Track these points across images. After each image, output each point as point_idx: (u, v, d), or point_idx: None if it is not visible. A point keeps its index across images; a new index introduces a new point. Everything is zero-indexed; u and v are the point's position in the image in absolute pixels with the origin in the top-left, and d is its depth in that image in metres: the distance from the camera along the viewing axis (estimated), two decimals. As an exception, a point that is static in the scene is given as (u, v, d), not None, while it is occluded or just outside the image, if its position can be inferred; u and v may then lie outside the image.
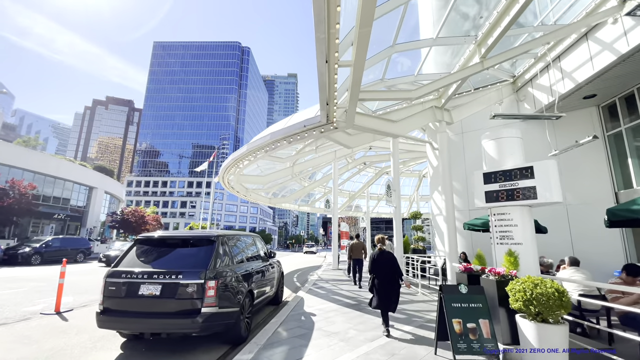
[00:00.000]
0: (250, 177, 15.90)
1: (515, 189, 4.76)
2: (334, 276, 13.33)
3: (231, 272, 4.81)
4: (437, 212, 13.68)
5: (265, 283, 6.46)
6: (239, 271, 5.10)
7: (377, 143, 18.10)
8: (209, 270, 4.31)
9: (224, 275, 4.53)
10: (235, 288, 4.77)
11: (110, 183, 39.88)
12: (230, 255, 5.08)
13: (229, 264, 4.91)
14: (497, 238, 4.98)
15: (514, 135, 5.26)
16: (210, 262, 4.44)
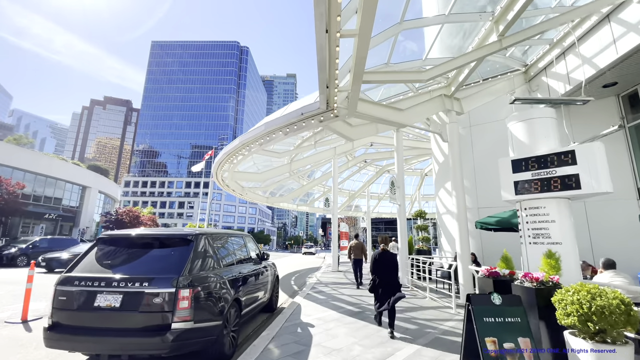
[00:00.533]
0: (245, 175, 15.09)
1: (552, 178, 3.97)
2: (334, 279, 12.52)
3: (213, 277, 4.01)
4: (443, 211, 12.91)
5: (257, 289, 5.65)
6: (224, 276, 4.29)
7: (378, 139, 17.35)
8: (183, 277, 3.51)
9: (202, 282, 3.72)
10: (218, 297, 3.97)
11: (105, 183, 38.99)
12: (212, 258, 4.27)
13: (210, 268, 4.10)
14: (529, 237, 4.20)
15: (547, 116, 4.47)
16: (185, 266, 3.64)
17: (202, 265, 3.94)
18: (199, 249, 3.98)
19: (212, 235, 4.57)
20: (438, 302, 7.96)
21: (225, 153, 11.00)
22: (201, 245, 4.07)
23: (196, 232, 4.11)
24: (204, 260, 4.03)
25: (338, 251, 16.55)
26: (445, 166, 12.89)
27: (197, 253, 3.92)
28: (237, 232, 5.80)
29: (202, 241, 4.14)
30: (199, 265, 3.86)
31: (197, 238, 4.03)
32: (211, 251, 4.31)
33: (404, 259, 10.78)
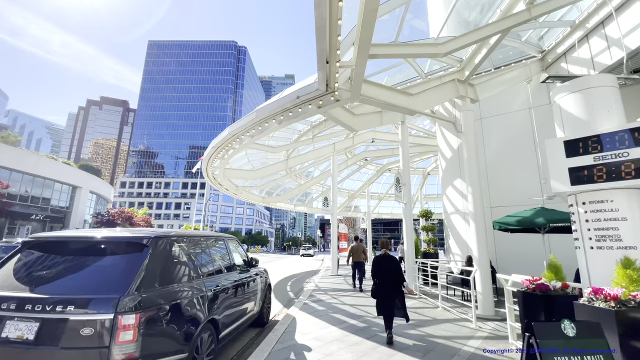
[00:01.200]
0: (238, 172, 14.10)
1: (622, 163, 3.02)
2: (333, 284, 11.52)
3: (177, 294, 3.02)
4: (451, 210, 11.97)
5: (242, 302, 4.67)
6: (194, 291, 3.30)
7: (381, 135, 16.40)
8: (129, 296, 2.52)
9: (158, 302, 2.73)
10: (183, 320, 2.98)
11: (97, 183, 37.83)
12: (179, 268, 3.28)
13: (175, 281, 3.11)
14: (590, 240, 3.23)
15: (608, 84, 3.51)
16: (134, 280, 2.64)
17: (162, 278, 2.95)
18: (157, 257, 2.98)
19: (181, 238, 3.56)
20: (453, 313, 6.98)
21: (214, 147, 10.00)
22: (162, 252, 3.07)
23: (156, 235, 3.11)
24: (165, 271, 3.03)
25: (337, 253, 15.58)
26: (454, 162, 11.95)
27: (155, 262, 2.92)
28: (218, 235, 4.79)
29: (164, 246, 3.14)
30: (156, 279, 2.86)
31: (155, 242, 3.03)
32: (177, 259, 3.32)
33: (410, 263, 9.82)
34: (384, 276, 5.02)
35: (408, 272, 9.93)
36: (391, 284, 4.97)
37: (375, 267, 5.11)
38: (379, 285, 5.02)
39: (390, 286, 4.96)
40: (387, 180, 28.42)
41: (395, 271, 5.02)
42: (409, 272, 9.86)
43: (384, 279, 5.00)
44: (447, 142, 12.44)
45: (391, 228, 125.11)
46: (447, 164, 12.58)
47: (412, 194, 29.72)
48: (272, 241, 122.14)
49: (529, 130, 10.27)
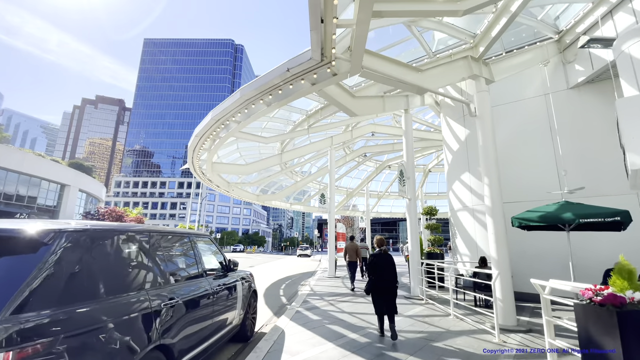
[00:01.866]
0: (228, 167, 13.12)
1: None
2: (330, 287, 10.57)
3: (91, 316, 2.04)
4: (458, 207, 11.05)
5: (214, 316, 3.70)
6: (128, 310, 2.33)
7: (381, 128, 15.47)
8: (1, 321, 1.56)
9: (52, 333, 1.76)
10: (103, 354, 2.01)
11: (87, 181, 36.66)
12: (103, 277, 2.30)
13: (93, 296, 2.14)
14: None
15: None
16: (12, 299, 1.68)
17: (70, 292, 1.97)
18: (63, 261, 2.00)
19: (111, 234, 2.56)
20: (467, 322, 6.05)
21: (197, 135, 9.02)
22: (71, 253, 2.08)
23: (64, 227, 2.13)
24: (76, 281, 2.05)
25: (335, 254, 14.64)
26: (461, 155, 11.04)
27: (58, 268, 1.95)
28: (179, 232, 3.77)
29: (76, 245, 2.14)
30: (57, 294, 1.89)
31: (60, 238, 2.04)
32: (103, 264, 2.34)
33: (415, 264, 8.89)
34: (381, 274, 4.97)
35: (412, 274, 9.00)
36: (389, 281, 4.96)
37: (372, 264, 5.06)
38: (376, 282, 4.98)
39: (388, 284, 4.95)
40: (386, 178, 27.52)
41: (391, 269, 5.02)
42: (414, 274, 8.92)
43: (381, 277, 4.97)
44: (454, 133, 11.53)
45: (389, 228, 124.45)
46: (453, 157, 11.67)
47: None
48: (270, 241, 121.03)
49: (544, 118, 9.37)
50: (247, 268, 20.53)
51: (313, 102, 10.70)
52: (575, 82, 9.08)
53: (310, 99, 10.27)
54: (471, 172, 10.53)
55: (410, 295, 8.80)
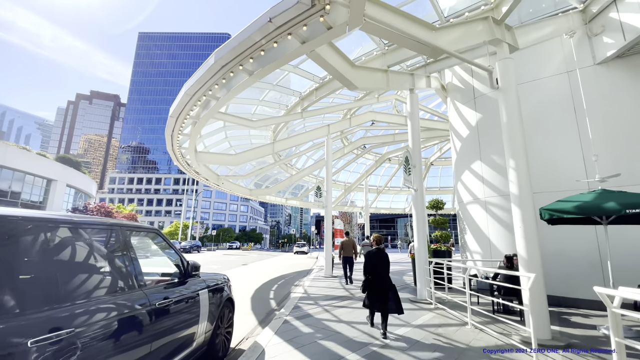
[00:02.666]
0: (215, 157, 11.96)
1: None
2: (326, 289, 9.50)
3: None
4: (468, 200, 9.98)
5: (154, 341, 2.59)
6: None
7: (381, 117, 14.35)
8: None
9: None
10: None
11: (75, 176, 35.32)
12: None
13: None
14: None
15: None
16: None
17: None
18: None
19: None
20: (489, 334, 4.98)
21: (171, 116, 7.83)
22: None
23: None
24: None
25: (332, 251, 13.57)
26: (471, 142, 9.95)
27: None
28: (89, 221, 2.53)
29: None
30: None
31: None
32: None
33: (422, 263, 7.82)
34: (377, 272, 4.93)
35: (419, 275, 7.93)
36: (385, 279, 4.91)
37: (368, 262, 4.99)
38: (372, 281, 4.94)
39: (383, 282, 4.89)
40: (386, 172, 26.45)
41: (387, 267, 4.99)
42: (420, 274, 7.86)
43: (377, 274, 4.92)
44: (463, 118, 10.43)
45: (387, 224, 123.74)
46: (462, 145, 10.58)
47: (413, 187, 27.81)
48: (267, 238, 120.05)
49: (567, 98, 8.29)
50: (240, 266, 19.46)
51: (307, 82, 9.56)
52: (604, 57, 8.00)
53: (304, 78, 9.13)
54: (483, 161, 9.46)
55: (417, 299, 7.74)
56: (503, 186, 8.85)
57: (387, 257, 5.08)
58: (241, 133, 13.68)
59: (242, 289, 9.95)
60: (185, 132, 9.07)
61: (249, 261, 23.72)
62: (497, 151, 9.14)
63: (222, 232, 76.33)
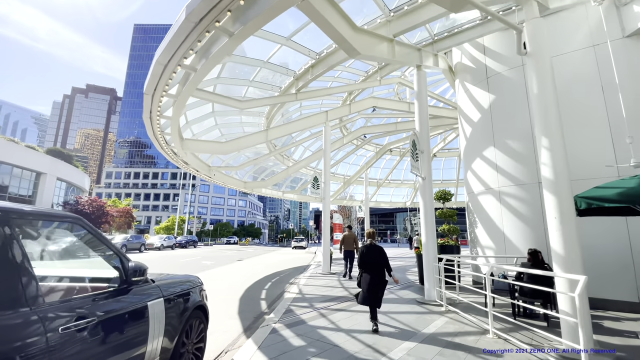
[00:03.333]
0: (202, 144, 11.01)
1: None
2: (324, 288, 8.66)
3: None
4: (479, 190, 9.10)
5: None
6: None
7: (383, 103, 13.40)
8: None
9: None
10: None
11: (66, 169, 34.31)
12: None
13: None
14: None
15: None
16: None
17: None
18: None
19: None
20: (516, 344, 4.13)
21: (146, 94, 6.85)
22: None
23: None
24: None
25: (331, 245, 12.72)
26: (484, 126, 9.04)
27: None
28: None
29: None
30: None
31: None
32: None
33: (431, 260, 6.97)
34: (370, 266, 4.96)
35: (427, 272, 7.08)
36: (377, 274, 4.91)
37: (362, 257, 5.05)
38: (365, 275, 4.95)
39: (376, 277, 4.90)
40: (387, 164, 25.56)
41: (381, 261, 4.97)
42: (428, 272, 7.00)
43: (370, 269, 4.95)
44: (474, 100, 9.51)
45: (386, 219, 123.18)
46: (473, 130, 9.67)
47: (413, 181, 26.92)
48: (266, 233, 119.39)
49: (593, 75, 7.37)
50: (235, 262, 18.62)
51: (302, 59, 8.61)
52: (634, 29, 7.07)
53: (298, 52, 8.16)
54: (497, 147, 8.55)
55: (425, 300, 6.90)
56: (520, 174, 7.97)
57: (380, 252, 5.01)
58: (233, 120, 12.73)
59: (232, 288, 9.10)
60: (167, 115, 8.13)
61: (244, 257, 22.91)
62: (514, 135, 8.24)
63: (220, 226, 75.66)
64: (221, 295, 8.13)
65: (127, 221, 43.03)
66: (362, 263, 5.02)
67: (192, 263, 16.62)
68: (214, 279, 10.88)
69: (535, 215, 7.58)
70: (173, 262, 17.29)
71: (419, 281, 9.50)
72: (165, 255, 22.27)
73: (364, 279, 4.93)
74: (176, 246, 33.59)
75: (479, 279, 8.69)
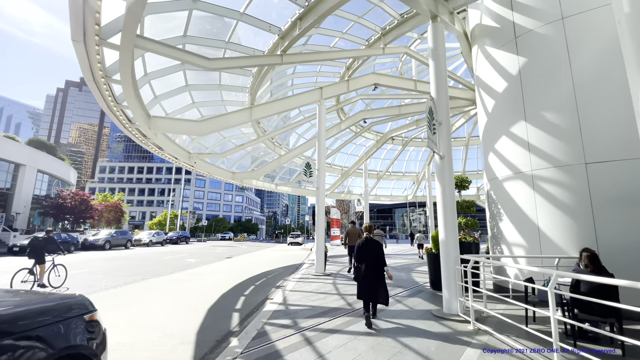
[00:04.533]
0: (173, 123, 9.31)
1: None
2: (315, 295, 7.07)
3: None
4: (504, 175, 7.48)
5: None
6: None
7: (386, 80, 11.73)
8: None
9: None
10: None
11: (49, 161, 32.50)
12: None
13: None
14: None
15: None
16: None
17: None
18: None
19: None
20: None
21: (76, 40, 5.14)
22: None
23: None
24: None
25: (327, 242, 11.14)
26: (512, 97, 7.40)
27: None
28: None
29: None
30: None
31: None
32: None
33: (451, 262, 5.38)
34: (367, 261, 4.86)
35: (446, 277, 5.49)
36: (374, 268, 4.82)
37: (358, 251, 4.97)
38: (362, 269, 4.84)
39: (373, 271, 4.81)
40: (387, 155, 23.93)
41: (377, 255, 4.87)
42: (448, 277, 5.42)
43: (367, 263, 4.84)
44: (498, 67, 7.86)
45: (385, 215, 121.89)
46: (496, 104, 8.03)
47: (418, 172, 25.32)
48: (264, 229, 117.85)
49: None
50: (223, 260, 17.00)
51: (288, 10, 6.90)
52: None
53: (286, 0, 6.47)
54: (529, 121, 6.93)
55: (444, 314, 5.31)
56: (560, 153, 6.36)
57: (376, 246, 4.93)
58: (212, 97, 11.03)
59: (207, 293, 7.50)
60: (115, 78, 6.43)
61: (235, 253, 21.33)
62: (551, 106, 6.62)
63: (216, 222, 74.12)
64: (189, 303, 6.54)
65: (117, 216, 41.35)
66: (360, 257, 4.92)
67: (176, 261, 15.04)
68: (192, 281, 9.29)
69: (582, 204, 6.00)
70: (155, 259, 15.71)
71: (431, 285, 7.94)
72: (151, 252, 20.68)
73: (361, 273, 4.85)
74: (166, 242, 31.96)
75: (503, 284, 7.11)
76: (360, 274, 4.84)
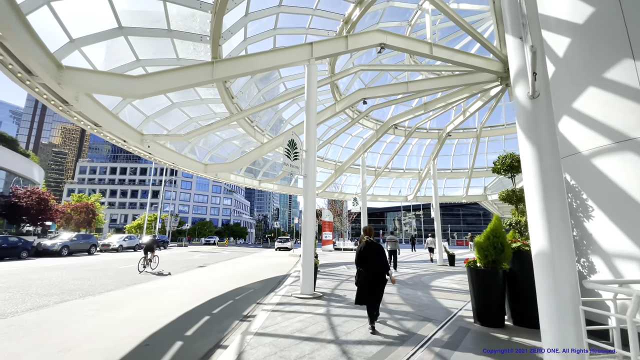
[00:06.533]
0: (96, 78, 6.40)
1: None
2: (297, 345, 4.21)
3: None
4: (596, 146, 4.69)
5: None
6: None
7: (395, 40, 9.05)
8: None
9: None
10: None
11: (7, 156, 28.90)
12: None
13: None
14: None
15: None
16: None
17: None
18: None
19: None
20: None
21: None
22: None
23: None
24: None
25: (318, 247, 8.29)
26: (603, 27, 4.73)
27: None
28: None
29: None
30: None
31: None
32: None
33: (567, 295, 2.61)
34: (368, 264, 4.74)
35: (558, 321, 2.70)
36: (376, 272, 4.70)
37: (359, 255, 4.81)
38: (363, 274, 4.72)
39: (375, 275, 4.69)
40: (387, 149, 21.27)
41: (380, 259, 4.73)
42: (563, 323, 2.63)
43: (369, 267, 4.73)
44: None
45: (377, 219, 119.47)
46: (572, 41, 5.35)
47: (421, 169, 22.69)
48: (253, 233, 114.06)
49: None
50: (192, 269, 13.92)
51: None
52: None
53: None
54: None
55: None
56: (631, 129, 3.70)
57: (378, 249, 4.78)
58: (163, 46, 8.11)
59: (126, 334, 4.54)
60: None
61: (212, 261, 18.27)
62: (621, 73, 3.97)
63: (201, 225, 70.50)
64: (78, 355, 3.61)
65: (88, 218, 37.66)
66: (361, 262, 4.75)
67: (129, 272, 11.98)
68: (121, 305, 6.32)
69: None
70: (106, 269, 12.63)
71: (475, 317, 5.19)
72: (114, 260, 17.44)
73: (364, 277, 4.67)
74: (139, 247, 28.52)
75: (602, 321, 4.39)
76: (364, 278, 4.68)
